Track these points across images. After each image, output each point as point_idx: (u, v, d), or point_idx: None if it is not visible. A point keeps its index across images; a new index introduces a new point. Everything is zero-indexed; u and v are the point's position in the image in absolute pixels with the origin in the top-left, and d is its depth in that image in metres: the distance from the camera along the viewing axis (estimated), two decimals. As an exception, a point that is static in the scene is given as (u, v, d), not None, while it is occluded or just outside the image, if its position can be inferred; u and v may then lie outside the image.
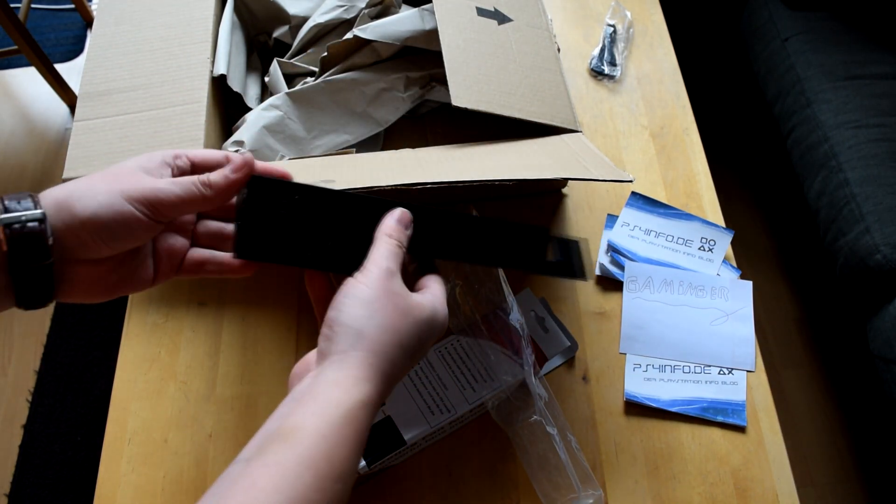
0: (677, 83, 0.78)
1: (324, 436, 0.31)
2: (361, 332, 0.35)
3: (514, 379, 0.53)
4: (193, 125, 0.58)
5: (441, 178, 0.49)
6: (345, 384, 0.34)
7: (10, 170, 1.64)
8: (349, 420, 0.33)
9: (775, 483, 0.56)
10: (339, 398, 0.33)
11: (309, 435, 0.31)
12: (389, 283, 0.37)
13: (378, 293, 0.36)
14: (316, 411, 0.33)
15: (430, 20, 0.67)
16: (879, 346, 1.04)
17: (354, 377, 0.34)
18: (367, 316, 0.36)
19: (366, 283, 0.37)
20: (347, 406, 0.33)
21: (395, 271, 0.38)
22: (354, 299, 0.36)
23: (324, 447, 0.31)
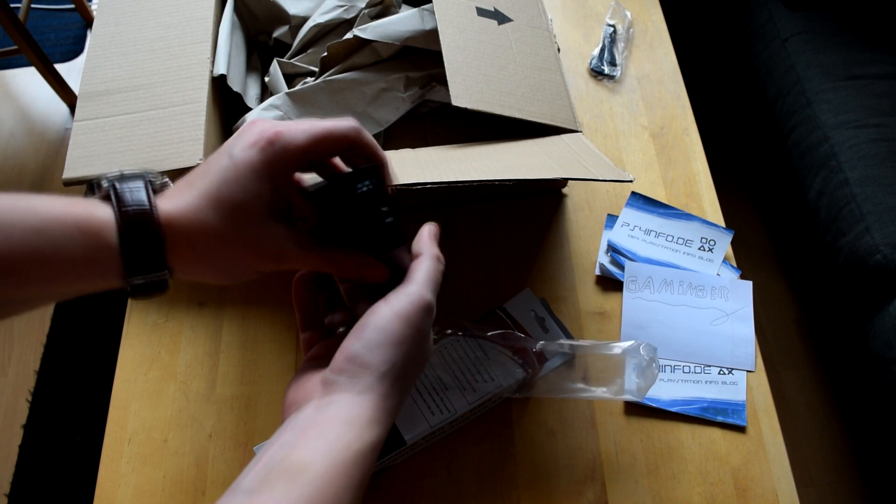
0: (677, 83, 0.78)
1: (332, 478, 0.30)
2: (383, 375, 0.34)
3: (514, 379, 0.53)
4: (193, 125, 0.58)
5: (441, 178, 0.49)
6: (358, 425, 0.32)
7: (10, 170, 1.64)
8: (358, 463, 0.31)
9: (775, 483, 0.56)
10: (350, 441, 0.32)
11: (318, 476, 0.30)
12: (424, 321, 0.35)
13: (410, 333, 0.35)
14: (325, 451, 0.31)
15: (430, 20, 0.67)
16: (879, 346, 1.04)
17: (368, 419, 0.33)
18: (392, 360, 0.34)
19: (402, 317, 0.35)
20: (357, 449, 0.32)
21: (434, 305, 0.36)
22: (385, 336, 0.34)
23: (331, 491, 0.30)
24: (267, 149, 0.34)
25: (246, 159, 0.34)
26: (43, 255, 0.30)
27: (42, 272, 0.30)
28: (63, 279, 0.31)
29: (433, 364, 0.54)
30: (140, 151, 0.57)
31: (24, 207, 0.30)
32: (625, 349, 0.52)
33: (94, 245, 0.31)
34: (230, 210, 0.33)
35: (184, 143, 0.57)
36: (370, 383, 0.33)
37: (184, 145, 0.57)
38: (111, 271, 0.32)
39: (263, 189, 0.34)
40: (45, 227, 0.30)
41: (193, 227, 0.33)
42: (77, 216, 0.31)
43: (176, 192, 0.34)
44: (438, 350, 0.55)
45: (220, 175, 0.34)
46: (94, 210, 0.32)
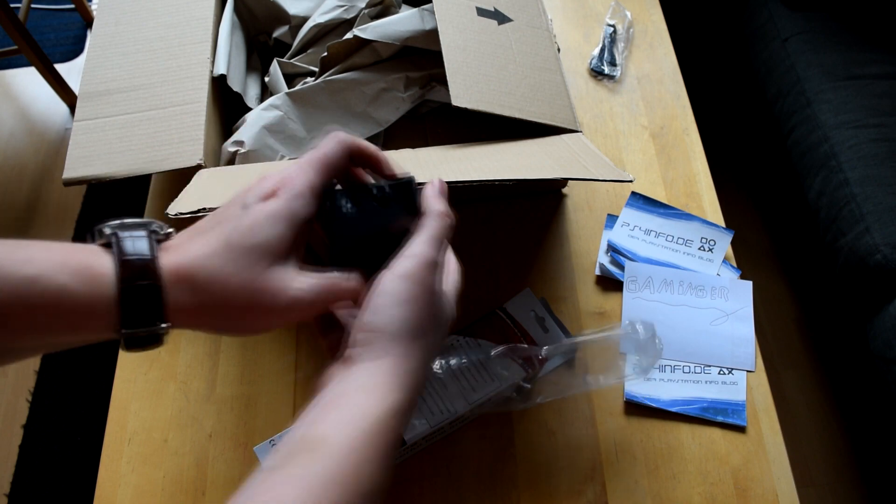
0: (677, 83, 0.78)
1: (353, 449, 0.29)
2: (396, 336, 0.33)
3: (514, 379, 0.53)
4: (193, 125, 0.58)
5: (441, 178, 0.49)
6: (376, 392, 0.32)
7: (10, 170, 1.64)
8: (380, 432, 0.30)
9: (775, 483, 0.56)
10: (369, 407, 0.31)
11: (338, 447, 0.29)
12: (429, 277, 0.34)
13: (417, 291, 0.34)
14: (345, 420, 0.30)
15: (430, 20, 0.67)
16: (879, 346, 1.04)
17: (388, 384, 0.32)
18: (402, 318, 0.33)
19: (405, 276, 0.34)
20: (378, 416, 0.31)
21: (438, 262, 0.35)
22: (390, 298, 0.33)
23: (352, 462, 0.29)
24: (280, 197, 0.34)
25: (261, 208, 0.34)
26: (37, 306, 0.29)
27: (36, 323, 0.30)
28: (57, 330, 0.30)
29: (433, 364, 0.54)
30: (140, 151, 0.57)
31: (21, 257, 0.29)
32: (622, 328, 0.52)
33: (91, 295, 0.30)
34: (240, 255, 0.33)
35: (184, 143, 0.57)
36: (385, 347, 0.33)
37: (184, 145, 0.57)
38: (106, 322, 0.31)
39: (277, 233, 0.34)
40: (40, 277, 0.29)
41: (200, 277, 0.32)
42: (74, 267, 0.30)
43: (182, 241, 0.34)
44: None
45: (232, 222, 0.34)
46: (92, 260, 0.31)
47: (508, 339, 0.55)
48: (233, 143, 0.62)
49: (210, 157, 0.59)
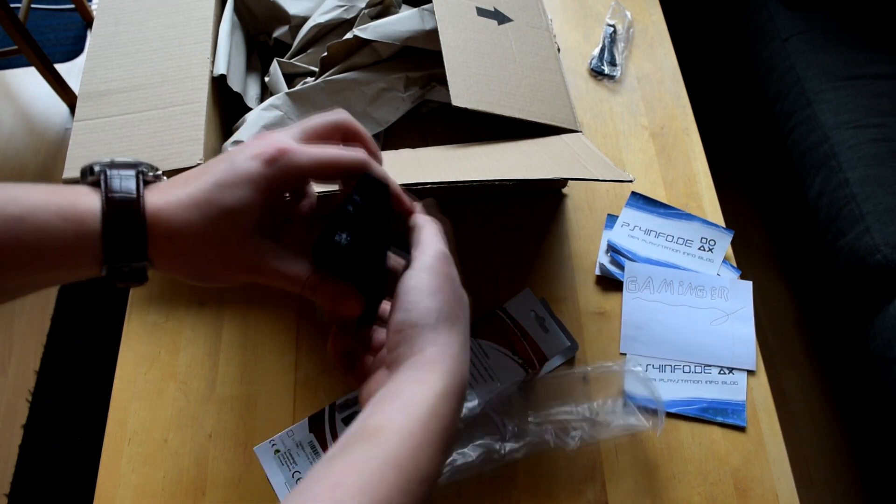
0: (677, 83, 0.78)
1: (410, 433, 0.30)
2: (434, 326, 0.34)
3: (514, 379, 0.53)
4: (193, 125, 0.58)
5: (441, 178, 0.49)
6: (425, 379, 0.33)
7: (9, 170, 1.64)
8: (434, 415, 0.32)
9: (775, 483, 0.56)
10: (421, 394, 0.32)
11: (395, 433, 0.30)
12: (449, 268, 0.36)
13: (441, 281, 0.36)
14: (400, 409, 0.31)
15: (430, 20, 0.67)
16: (879, 346, 1.04)
17: (436, 371, 0.33)
18: (435, 308, 0.35)
19: (427, 270, 0.36)
20: (431, 401, 0.32)
21: (450, 253, 0.37)
22: (420, 293, 0.35)
23: (410, 446, 0.30)
24: (269, 163, 0.34)
25: (245, 169, 0.34)
26: (23, 242, 0.30)
27: (22, 261, 0.30)
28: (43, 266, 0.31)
29: None
30: (140, 151, 0.57)
31: (6, 196, 0.30)
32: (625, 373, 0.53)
33: (76, 232, 0.31)
34: (216, 214, 0.33)
35: (184, 143, 0.57)
36: (426, 338, 0.34)
37: (184, 145, 0.57)
38: (91, 257, 0.32)
39: (255, 201, 0.34)
40: (26, 215, 0.30)
41: (176, 223, 0.33)
42: (59, 204, 0.31)
43: (168, 186, 0.34)
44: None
45: (215, 178, 0.34)
46: (78, 197, 0.32)
47: (508, 339, 0.55)
48: (233, 143, 0.62)
49: (210, 157, 0.59)
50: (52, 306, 1.43)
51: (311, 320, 0.63)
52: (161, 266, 0.34)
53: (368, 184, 0.37)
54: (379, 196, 0.37)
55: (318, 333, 0.62)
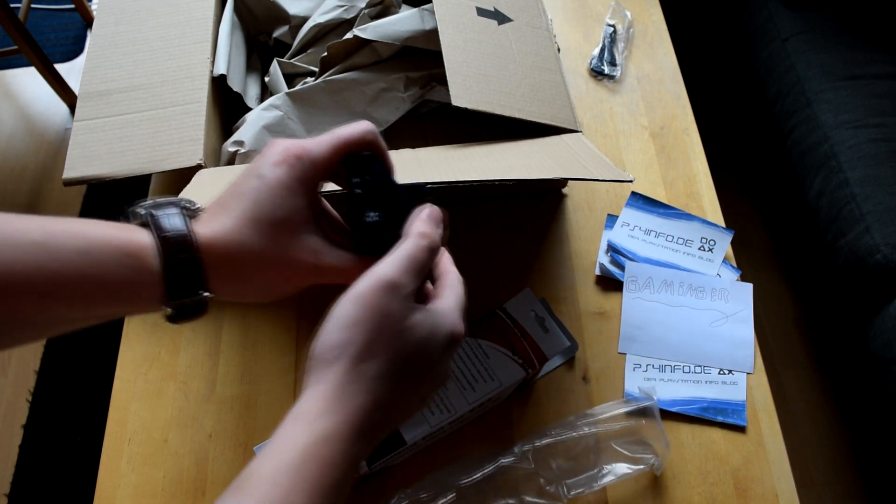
0: (677, 83, 0.78)
1: (276, 482, 0.28)
2: (332, 361, 0.31)
3: (514, 379, 0.53)
4: (193, 125, 0.58)
5: (441, 178, 0.49)
6: (305, 419, 0.30)
7: (10, 170, 1.64)
8: (308, 459, 0.29)
9: (775, 483, 0.56)
10: (297, 436, 0.30)
11: (262, 482, 0.28)
12: (383, 301, 0.32)
13: (363, 314, 0.32)
14: (271, 454, 0.29)
15: (430, 20, 0.67)
16: (879, 346, 1.04)
17: (317, 410, 0.30)
18: (340, 343, 0.32)
19: (352, 299, 0.32)
20: (305, 443, 0.29)
21: (400, 285, 0.33)
22: (334, 324, 0.32)
23: (277, 495, 0.28)
24: (295, 165, 0.35)
25: (276, 177, 0.35)
26: (88, 277, 0.30)
27: (86, 293, 0.31)
28: (106, 301, 0.32)
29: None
30: (140, 151, 0.57)
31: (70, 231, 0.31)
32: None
33: (138, 269, 0.32)
34: (268, 228, 0.34)
35: (184, 143, 0.57)
36: (320, 372, 0.32)
37: (184, 145, 0.57)
38: (153, 295, 0.33)
39: (297, 204, 0.35)
40: (90, 250, 0.31)
41: (233, 249, 0.34)
42: (121, 240, 0.32)
43: (210, 216, 0.35)
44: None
45: (252, 195, 0.34)
46: (136, 235, 0.32)
47: (508, 339, 0.55)
48: (233, 143, 0.62)
49: (210, 157, 0.59)
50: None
51: (311, 320, 0.63)
52: (225, 292, 0.35)
53: (357, 161, 0.37)
54: (373, 166, 0.38)
55: (318, 333, 0.62)
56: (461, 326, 0.36)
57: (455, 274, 0.39)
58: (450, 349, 0.35)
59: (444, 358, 0.35)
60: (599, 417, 0.56)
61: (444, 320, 0.35)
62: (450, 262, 0.39)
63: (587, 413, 0.56)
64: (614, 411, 0.56)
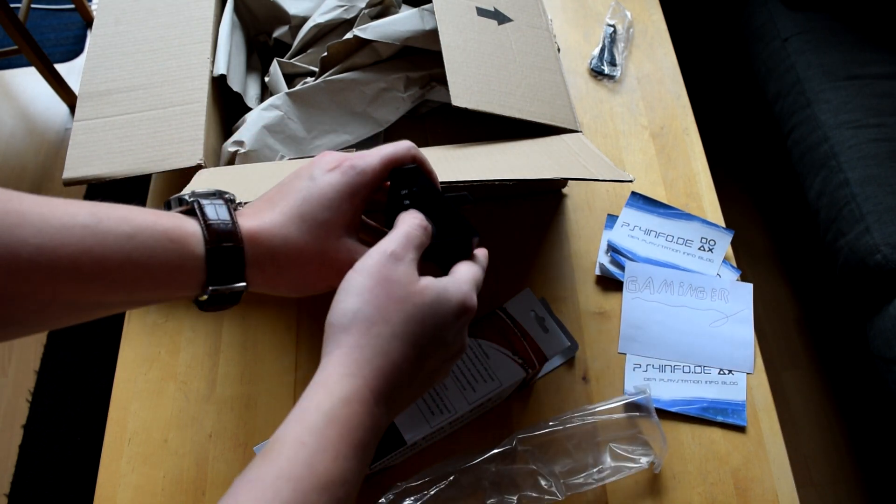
0: (677, 83, 0.78)
1: (303, 443, 0.30)
2: (348, 326, 0.33)
3: (514, 379, 0.53)
4: (193, 125, 0.58)
5: (441, 179, 0.49)
6: (327, 383, 0.32)
7: (10, 170, 1.64)
8: (331, 421, 0.30)
9: (775, 483, 0.56)
10: (319, 400, 0.31)
11: (288, 445, 0.30)
12: (388, 268, 0.35)
13: (371, 282, 0.34)
14: (296, 417, 0.31)
15: (430, 20, 0.67)
16: (879, 346, 1.04)
17: (338, 374, 0.32)
18: (352, 309, 0.34)
19: (360, 270, 0.35)
20: (328, 406, 0.31)
21: (401, 255, 0.35)
22: (346, 293, 0.34)
23: (303, 455, 0.29)
24: (348, 172, 0.37)
25: (328, 181, 0.37)
26: (132, 260, 0.31)
27: (129, 277, 0.32)
28: (147, 285, 0.33)
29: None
30: (140, 151, 0.57)
31: (118, 215, 0.32)
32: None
33: (181, 253, 0.33)
34: (312, 226, 0.36)
35: (184, 143, 0.57)
36: (336, 340, 0.34)
37: (184, 145, 0.57)
38: (193, 280, 0.34)
39: (343, 208, 0.37)
40: (136, 234, 0.32)
41: (277, 242, 0.35)
42: (166, 226, 0.33)
43: (255, 210, 0.37)
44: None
45: (302, 194, 0.36)
46: (182, 222, 0.34)
47: (508, 339, 0.55)
48: (233, 143, 0.62)
49: (210, 157, 0.59)
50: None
51: (311, 321, 0.63)
52: (261, 285, 0.36)
53: (403, 175, 0.40)
54: (418, 179, 0.40)
55: (318, 333, 0.62)
56: (473, 298, 0.37)
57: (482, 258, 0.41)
58: (461, 318, 0.37)
59: (458, 327, 0.37)
60: (595, 410, 0.56)
61: (452, 288, 0.36)
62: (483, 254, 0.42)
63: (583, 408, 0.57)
64: (609, 405, 0.57)
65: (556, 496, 0.53)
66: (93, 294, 0.32)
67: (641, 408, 0.56)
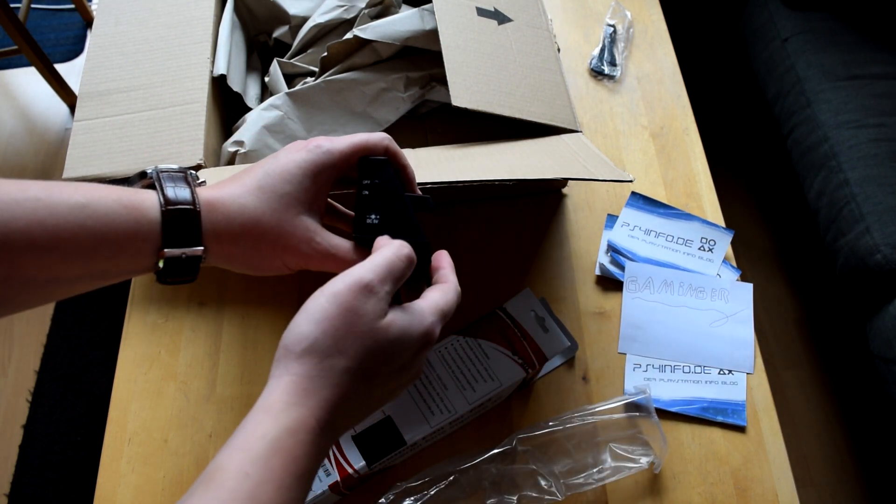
0: (677, 83, 0.78)
1: (246, 474, 0.28)
2: (301, 354, 0.32)
3: (514, 379, 0.53)
4: (193, 125, 0.58)
5: (441, 178, 0.49)
6: (272, 410, 0.31)
7: (9, 170, 1.64)
8: (276, 452, 0.29)
9: (775, 483, 0.56)
10: (263, 429, 0.30)
11: (231, 475, 0.29)
12: (357, 300, 0.33)
13: (336, 310, 0.33)
14: (240, 446, 0.30)
15: (430, 20, 0.67)
16: (879, 346, 1.04)
17: (283, 402, 0.31)
18: (312, 338, 0.32)
19: (327, 294, 0.33)
20: (273, 436, 0.30)
21: (375, 288, 0.33)
22: (306, 316, 0.33)
23: (246, 486, 0.28)
24: (314, 150, 0.38)
25: (292, 157, 0.37)
26: (86, 228, 0.31)
27: (85, 245, 0.32)
28: (104, 254, 0.33)
29: (433, 363, 0.54)
30: (140, 151, 0.57)
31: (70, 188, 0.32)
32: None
33: (136, 217, 0.33)
34: (272, 198, 0.36)
35: (184, 143, 0.57)
36: (287, 364, 0.32)
37: (184, 145, 0.57)
38: (150, 246, 0.34)
39: (304, 184, 0.37)
40: (89, 203, 0.32)
41: (233, 209, 0.36)
42: (119, 194, 0.33)
43: (218, 184, 0.37)
44: (438, 350, 0.55)
45: (264, 169, 0.37)
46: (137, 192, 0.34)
47: (508, 339, 0.55)
48: (233, 143, 0.62)
49: (210, 157, 0.59)
50: (52, 307, 1.43)
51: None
52: (218, 256, 0.36)
53: (370, 165, 0.40)
54: (383, 171, 0.40)
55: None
56: (436, 330, 0.36)
57: (452, 283, 0.39)
58: (423, 349, 0.36)
59: (417, 357, 0.36)
60: (595, 410, 0.56)
61: (418, 320, 0.35)
62: (451, 271, 0.40)
63: (583, 408, 0.57)
64: (609, 405, 0.57)
65: (555, 496, 0.53)
66: (49, 267, 0.31)
67: (641, 408, 0.56)
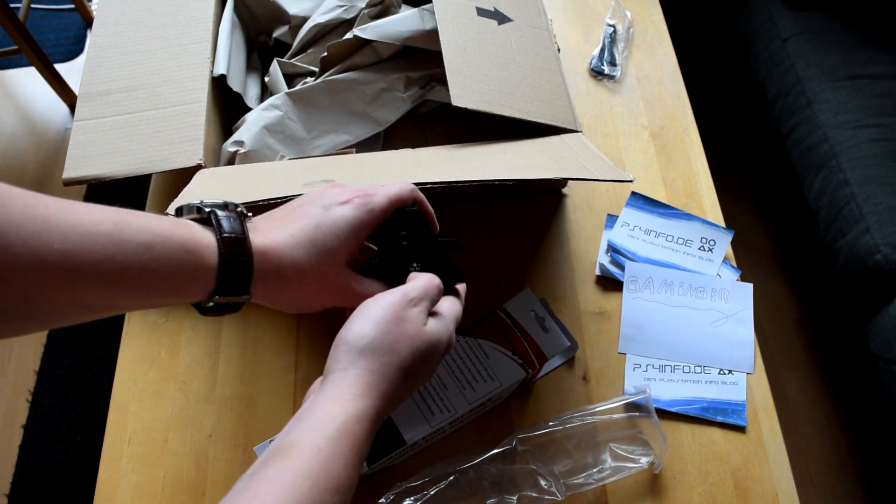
0: (677, 83, 0.78)
1: (320, 448, 0.32)
2: (363, 350, 0.36)
3: (514, 379, 0.53)
4: (193, 125, 0.58)
5: (441, 178, 0.49)
6: (341, 399, 0.35)
7: (9, 170, 1.64)
8: (345, 433, 0.34)
9: (775, 483, 0.56)
10: (335, 413, 0.34)
11: (306, 448, 0.32)
12: (405, 308, 0.38)
13: (389, 315, 0.38)
14: (313, 426, 0.34)
15: (430, 20, 0.67)
16: (879, 346, 1.04)
17: (351, 393, 0.35)
18: (371, 335, 0.37)
19: (381, 303, 0.38)
20: (342, 420, 0.34)
21: (417, 301, 0.39)
22: (364, 318, 0.38)
23: (320, 459, 0.32)
24: (360, 208, 0.40)
25: (341, 214, 0.40)
26: (151, 269, 0.34)
27: (146, 284, 0.34)
28: (162, 292, 0.35)
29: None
30: (140, 151, 0.57)
31: (138, 225, 0.34)
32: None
33: (196, 264, 0.35)
34: (321, 252, 0.39)
35: (184, 143, 0.57)
36: (352, 359, 0.36)
37: (184, 145, 0.57)
38: (203, 288, 0.36)
39: (350, 241, 0.40)
40: (155, 244, 0.34)
41: (285, 261, 0.38)
42: (183, 237, 0.35)
43: (266, 228, 0.39)
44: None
45: (315, 221, 0.39)
46: (196, 233, 0.36)
47: (508, 339, 0.55)
48: (233, 143, 0.62)
49: (210, 157, 0.59)
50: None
51: (311, 321, 0.63)
52: (262, 298, 0.39)
53: (405, 217, 0.43)
54: (418, 222, 0.44)
55: (318, 333, 0.62)
56: (454, 334, 0.42)
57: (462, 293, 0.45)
58: (446, 351, 0.41)
59: (439, 359, 0.41)
60: (595, 410, 0.56)
61: (445, 331, 0.41)
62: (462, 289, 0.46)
63: (583, 408, 0.57)
64: (609, 405, 0.57)
65: (555, 496, 0.53)
66: (109, 298, 0.34)
67: (641, 408, 0.56)
